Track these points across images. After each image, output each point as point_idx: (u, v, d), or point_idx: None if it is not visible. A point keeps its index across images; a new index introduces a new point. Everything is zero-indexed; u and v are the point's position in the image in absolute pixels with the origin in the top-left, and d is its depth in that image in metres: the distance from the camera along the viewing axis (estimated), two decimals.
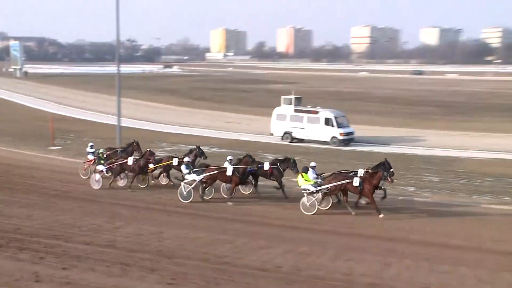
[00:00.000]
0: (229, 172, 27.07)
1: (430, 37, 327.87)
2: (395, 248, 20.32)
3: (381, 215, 24.39)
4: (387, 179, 24.89)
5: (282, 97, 49.82)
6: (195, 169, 27.82)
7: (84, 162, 32.25)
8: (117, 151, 32.20)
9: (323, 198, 25.58)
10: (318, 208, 24.96)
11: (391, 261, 18.81)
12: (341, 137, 45.07)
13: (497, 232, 23.04)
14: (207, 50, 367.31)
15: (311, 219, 24.28)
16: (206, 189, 27.43)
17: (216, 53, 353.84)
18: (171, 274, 16.73)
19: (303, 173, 26.08)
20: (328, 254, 19.34)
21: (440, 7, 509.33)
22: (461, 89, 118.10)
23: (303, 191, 25.85)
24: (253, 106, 75.52)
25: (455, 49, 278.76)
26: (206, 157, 30.30)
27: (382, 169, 25.14)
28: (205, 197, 27.25)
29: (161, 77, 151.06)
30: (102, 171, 29.54)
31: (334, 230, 22.83)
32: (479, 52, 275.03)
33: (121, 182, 29.94)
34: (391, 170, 25.34)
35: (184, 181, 27.36)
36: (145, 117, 61.60)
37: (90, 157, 31.91)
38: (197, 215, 24.62)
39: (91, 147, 32.44)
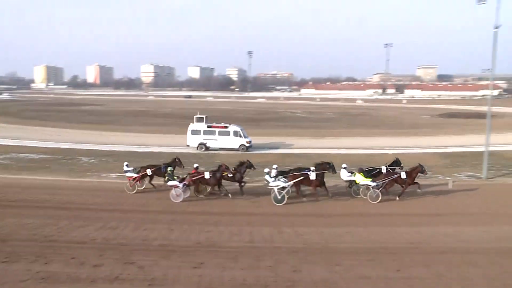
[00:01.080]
0: (312, 177, 23.86)
1: (194, 73, 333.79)
2: (177, 218, 20.20)
3: (397, 198, 24.09)
4: (424, 172, 24.75)
5: (195, 116, 46.72)
6: (279, 177, 23.95)
7: (129, 179, 25.82)
8: (161, 167, 25.98)
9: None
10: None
11: (174, 227, 18.70)
12: (247, 145, 44.06)
13: (247, 201, 23.70)
14: (32, 81, 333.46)
15: (116, 203, 23.07)
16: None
17: (39, 84, 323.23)
18: (5, 254, 15.07)
19: (361, 173, 24.45)
20: (130, 227, 18.66)
21: (200, 52, 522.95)
22: (217, 107, 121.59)
23: (361, 186, 24.29)
24: (70, 122, 70.34)
25: (211, 81, 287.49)
26: (255, 168, 25.67)
27: (420, 165, 24.68)
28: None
29: None
30: (177, 185, 23.66)
31: (133, 209, 21.90)
32: (226, 83, 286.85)
33: (186, 194, 24.02)
34: (401, 165, 26.16)
35: (276, 187, 23.23)
36: None
37: (129, 174, 25.84)
38: (26, 206, 22.10)
39: (127, 165, 26.29)
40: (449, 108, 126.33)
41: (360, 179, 24.41)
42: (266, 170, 24.63)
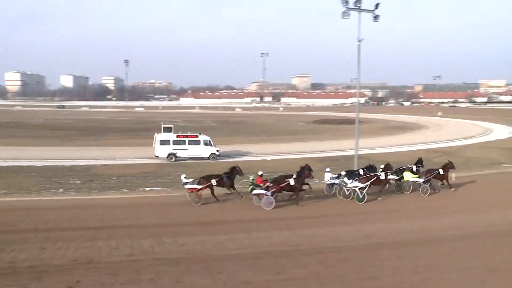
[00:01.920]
0: (382, 177, 26.43)
1: (67, 81, 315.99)
2: (50, 236, 18.56)
3: (436, 191, 27.91)
4: (454, 167, 28.69)
5: (163, 126, 44.62)
6: (356, 178, 26.10)
7: (196, 191, 24.81)
8: (222, 177, 25.66)
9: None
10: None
11: (47, 246, 17.23)
12: (217, 153, 43.33)
13: (125, 213, 22.88)
14: None
15: None
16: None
17: None
18: None
19: (410, 171, 27.79)
20: None
21: (73, 60, 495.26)
22: (93, 117, 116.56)
23: (409, 183, 27.46)
24: None
25: (86, 90, 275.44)
26: (313, 177, 26.45)
27: (450, 162, 28.69)
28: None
29: None
30: (265, 194, 23.83)
31: None
32: (102, 92, 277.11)
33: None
34: (423, 164, 29.28)
35: (356, 187, 25.27)
36: None
37: (190, 186, 25.08)
38: None
39: (185, 177, 25.42)
40: (323, 114, 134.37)
41: (408, 176, 27.68)
42: (343, 172, 26.91)
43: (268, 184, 24.71)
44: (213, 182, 25.33)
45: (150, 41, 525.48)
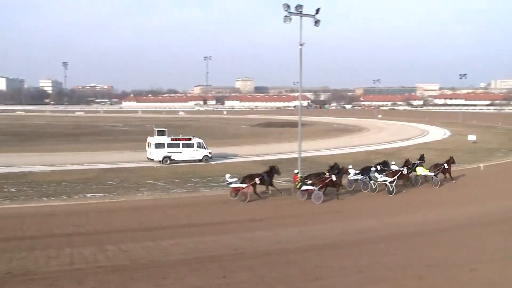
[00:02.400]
0: (405, 172, 29.24)
1: (0, 84, 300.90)
2: None
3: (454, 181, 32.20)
4: (454, 162, 32.90)
5: (156, 129, 45.93)
6: (385, 173, 28.83)
7: (240, 190, 26.73)
8: (263, 176, 27.93)
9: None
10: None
11: None
12: (210, 156, 44.48)
13: (65, 220, 22.07)
14: None
15: None
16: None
17: None
18: None
19: (422, 166, 31.21)
20: None
21: (6, 61, 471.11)
22: (29, 122, 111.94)
23: (422, 176, 31.13)
24: None
25: (20, 93, 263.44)
26: (350, 173, 29.67)
27: (451, 157, 32.93)
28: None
29: None
30: (314, 190, 26.05)
31: None
32: (39, 96, 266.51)
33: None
34: (424, 160, 32.68)
35: (387, 182, 28.16)
36: None
37: (235, 185, 26.96)
38: None
39: (230, 177, 27.51)
40: (266, 118, 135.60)
41: (421, 170, 31.12)
42: (373, 168, 29.28)
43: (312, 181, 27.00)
44: (257, 180, 27.27)
45: (90, 43, 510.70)
